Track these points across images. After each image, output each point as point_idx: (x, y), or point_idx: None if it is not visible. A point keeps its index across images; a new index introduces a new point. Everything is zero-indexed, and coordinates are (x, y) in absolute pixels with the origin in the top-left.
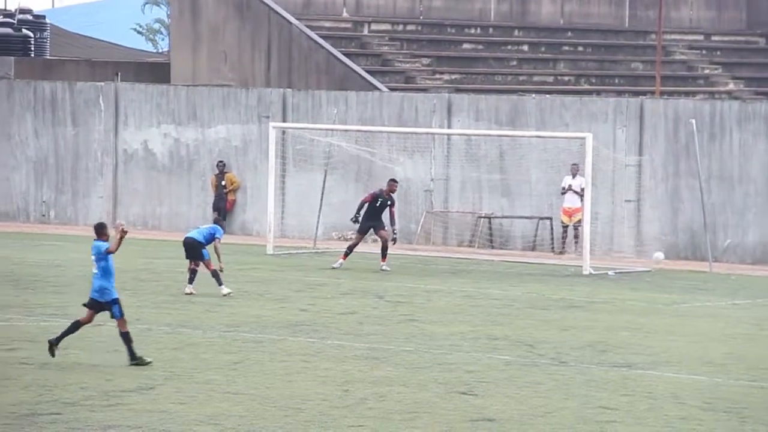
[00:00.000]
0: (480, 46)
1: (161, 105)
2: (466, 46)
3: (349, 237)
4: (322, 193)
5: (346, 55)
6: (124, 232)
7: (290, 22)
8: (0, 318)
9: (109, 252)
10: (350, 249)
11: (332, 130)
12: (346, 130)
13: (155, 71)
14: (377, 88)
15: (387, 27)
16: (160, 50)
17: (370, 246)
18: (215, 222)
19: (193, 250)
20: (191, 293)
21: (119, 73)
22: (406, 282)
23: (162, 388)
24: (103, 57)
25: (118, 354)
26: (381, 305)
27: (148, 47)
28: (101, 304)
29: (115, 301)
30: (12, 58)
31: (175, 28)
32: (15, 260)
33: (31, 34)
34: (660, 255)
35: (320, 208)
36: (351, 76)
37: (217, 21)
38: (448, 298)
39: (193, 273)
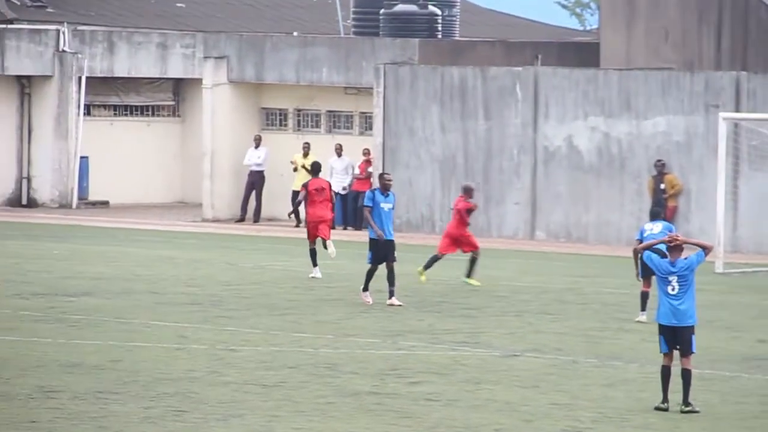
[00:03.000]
0: None
1: (588, 93)
2: None
3: None
4: None
5: None
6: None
7: None
8: (401, 346)
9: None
10: None
11: None
12: None
13: (582, 53)
14: None
15: None
16: (588, 27)
17: None
18: (667, 220)
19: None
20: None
21: (539, 56)
22: None
23: None
24: (520, 37)
25: (538, 390)
26: None
27: (574, 24)
28: (675, 331)
29: (693, 330)
30: (416, 40)
31: (606, 0)
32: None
33: (439, 12)
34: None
35: None
36: None
37: None
38: None
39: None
